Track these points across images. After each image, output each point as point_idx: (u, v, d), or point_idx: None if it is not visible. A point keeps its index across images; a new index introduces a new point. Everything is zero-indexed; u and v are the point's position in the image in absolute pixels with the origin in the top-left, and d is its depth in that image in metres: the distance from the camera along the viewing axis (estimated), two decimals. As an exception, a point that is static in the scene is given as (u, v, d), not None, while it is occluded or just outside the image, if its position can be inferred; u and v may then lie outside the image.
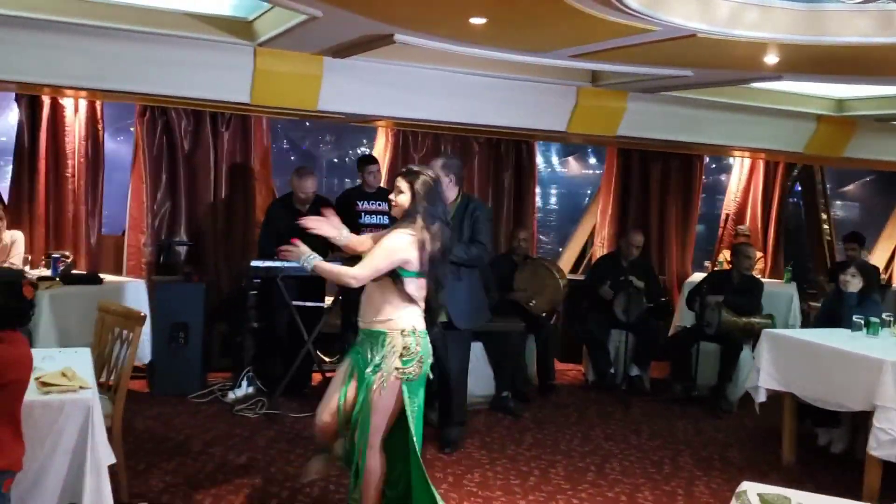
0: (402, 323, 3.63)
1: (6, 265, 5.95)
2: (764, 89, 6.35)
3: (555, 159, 11.34)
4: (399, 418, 3.69)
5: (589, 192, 9.14)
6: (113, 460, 3.84)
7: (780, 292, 7.98)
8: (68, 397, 3.19)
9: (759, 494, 2.14)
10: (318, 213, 6.25)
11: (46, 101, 6.33)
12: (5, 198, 6.51)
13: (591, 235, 8.67)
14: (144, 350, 6.18)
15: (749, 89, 6.25)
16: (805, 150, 7.04)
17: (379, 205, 6.34)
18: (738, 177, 9.16)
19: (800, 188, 9.70)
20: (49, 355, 3.74)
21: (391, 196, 3.79)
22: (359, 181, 6.65)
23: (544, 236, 9.71)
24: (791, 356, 5.28)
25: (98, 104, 6.52)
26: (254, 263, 5.85)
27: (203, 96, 5.20)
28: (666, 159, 8.50)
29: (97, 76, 4.83)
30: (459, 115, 5.81)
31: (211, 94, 5.16)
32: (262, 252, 6.29)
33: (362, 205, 6.42)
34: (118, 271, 6.76)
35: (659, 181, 8.53)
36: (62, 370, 3.31)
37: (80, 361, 3.69)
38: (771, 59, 4.32)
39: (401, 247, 3.60)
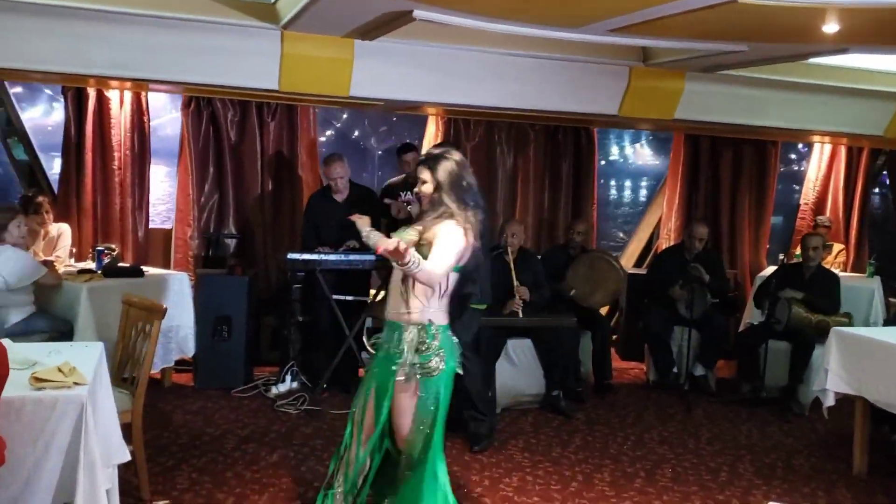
0: (423, 317, 3.38)
1: (52, 258, 5.99)
2: (834, 66, 5.83)
3: (630, 149, 10.89)
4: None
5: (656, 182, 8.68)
6: (126, 458, 3.76)
7: (861, 287, 7.40)
8: (61, 394, 3.07)
9: None
10: (359, 204, 6.18)
11: (92, 93, 6.32)
12: (54, 191, 6.55)
13: (657, 227, 8.25)
14: (188, 343, 6.15)
15: (818, 67, 5.76)
16: (885, 134, 6.48)
17: (423, 195, 6.10)
18: (818, 164, 8.58)
19: (887, 176, 9.02)
20: (56, 349, 3.66)
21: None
22: (404, 172, 6.45)
23: (613, 229, 9.30)
24: (861, 357, 4.83)
25: (143, 95, 6.49)
26: (290, 256, 5.70)
27: (230, 83, 5.07)
28: (737, 146, 8.02)
29: (120, 64, 4.74)
30: (501, 99, 5.52)
31: (238, 80, 5.02)
32: (304, 244, 6.16)
33: (405, 195, 6.21)
34: (167, 265, 6.73)
35: (730, 169, 8.04)
36: (59, 366, 3.20)
37: (87, 356, 3.58)
38: (830, 27, 3.90)
39: (460, 242, 3.34)
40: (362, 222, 3.82)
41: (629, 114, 5.60)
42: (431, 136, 7.24)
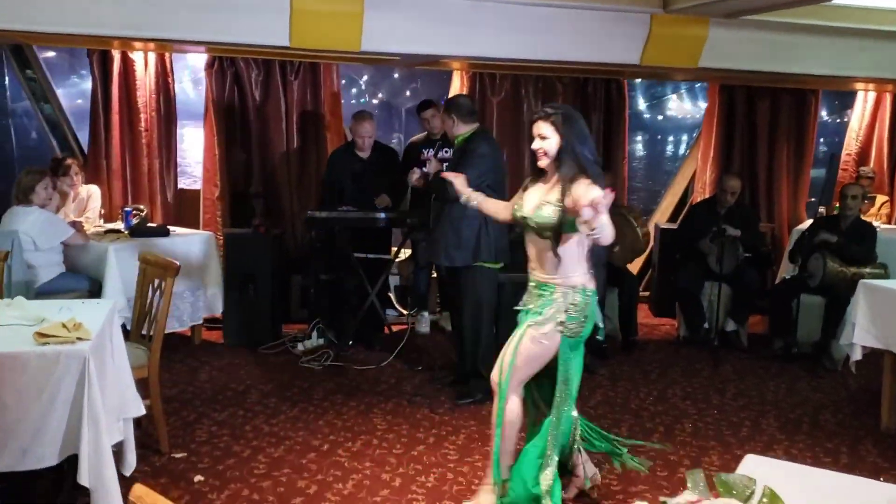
0: (575, 280, 3.42)
1: (81, 219, 6.12)
2: (866, 7, 5.56)
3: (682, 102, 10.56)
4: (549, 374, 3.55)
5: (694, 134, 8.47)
6: (141, 412, 3.86)
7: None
8: (64, 349, 3.14)
9: (713, 476, 1.78)
10: (380, 162, 6.17)
11: (117, 56, 6.39)
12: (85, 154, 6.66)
13: (692, 181, 8.07)
14: (216, 302, 6.25)
15: (848, 9, 5.50)
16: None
17: (446, 151, 6.06)
18: (861, 113, 8.28)
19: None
20: (68, 307, 3.73)
21: (534, 146, 3.42)
22: (425, 130, 6.39)
23: (640, 183, 9.13)
24: (890, 310, 4.69)
25: (167, 57, 6.53)
26: (310, 214, 5.73)
27: (240, 41, 5.05)
28: (775, 95, 7.77)
29: (129, 24, 4.73)
30: (518, 50, 5.39)
31: (249, 38, 4.99)
32: (323, 202, 6.17)
33: (427, 152, 6.17)
34: (198, 225, 6.82)
35: (767, 120, 7.80)
36: (64, 322, 3.27)
37: (97, 313, 3.65)
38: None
39: None
40: (460, 181, 3.81)
41: (652, 62, 5.44)
42: (456, 91, 7.15)
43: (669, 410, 5.13)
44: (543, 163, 3.45)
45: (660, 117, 9.58)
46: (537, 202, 3.46)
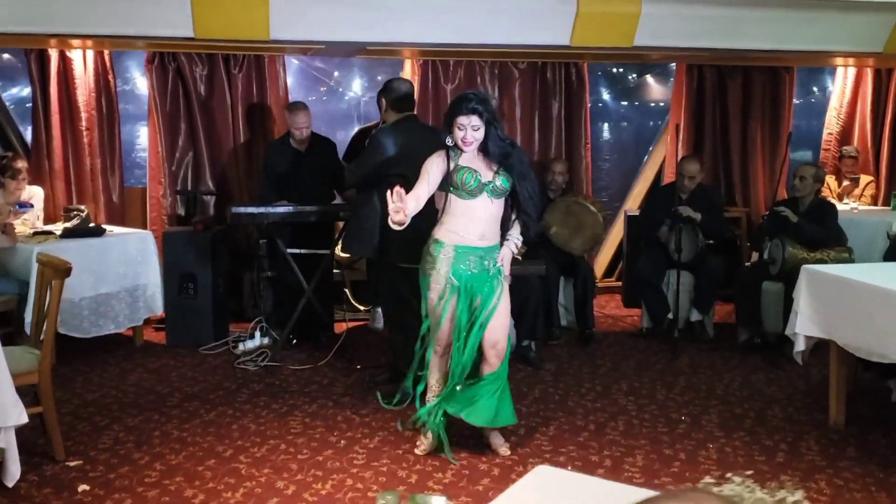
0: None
1: (19, 221, 6.00)
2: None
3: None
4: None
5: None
6: (23, 420, 3.70)
7: (882, 222, 6.81)
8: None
9: (407, 496, 1.57)
10: (318, 152, 5.98)
11: (54, 55, 6.26)
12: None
13: (662, 166, 7.78)
14: (156, 301, 6.11)
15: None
16: (885, 49, 5.83)
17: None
18: (842, 90, 7.92)
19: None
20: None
21: (467, 138, 3.83)
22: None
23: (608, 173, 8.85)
24: (831, 297, 4.40)
25: (107, 54, 6.40)
26: (234, 209, 5.56)
27: (143, 33, 4.88)
28: (747, 74, 7.45)
29: (24, 19, 4.58)
30: (437, 34, 5.13)
31: (152, 30, 4.82)
32: (261, 197, 6.01)
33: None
34: (144, 224, 6.69)
35: (740, 100, 7.49)
36: None
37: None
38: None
39: None
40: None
41: (582, 43, 5.17)
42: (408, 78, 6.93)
43: (608, 407, 4.88)
44: (470, 150, 3.89)
45: (625, 102, 9.26)
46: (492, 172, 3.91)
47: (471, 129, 3.84)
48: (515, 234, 4.05)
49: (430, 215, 4.08)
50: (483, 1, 4.99)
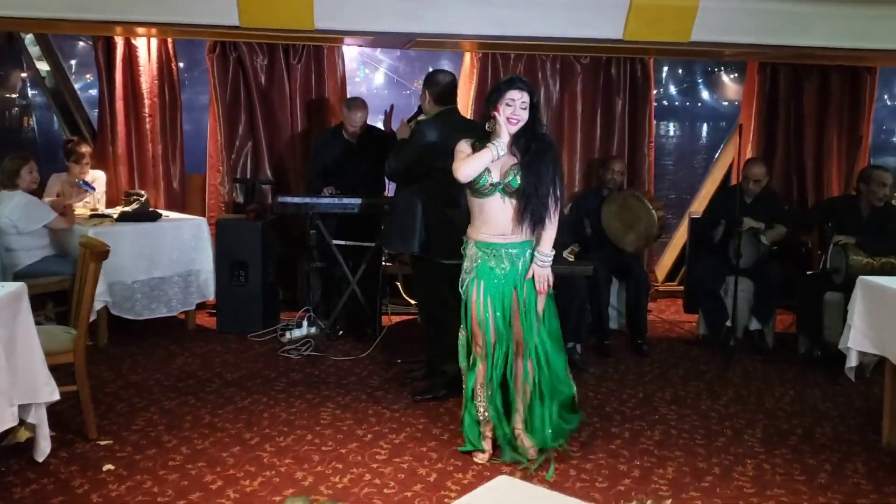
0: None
1: (80, 203, 6.19)
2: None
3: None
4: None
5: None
6: (54, 398, 3.80)
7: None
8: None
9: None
10: (370, 145, 5.96)
11: (120, 42, 6.42)
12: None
13: (730, 169, 7.47)
14: (209, 287, 6.22)
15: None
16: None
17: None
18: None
19: None
20: (-33, 288, 3.70)
21: (516, 114, 3.75)
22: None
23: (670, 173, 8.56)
24: (886, 310, 4.13)
25: (170, 42, 6.52)
26: (281, 199, 5.59)
27: (189, 21, 4.89)
28: (824, 74, 7.09)
29: (74, 6, 4.66)
30: (482, 27, 4.99)
31: (197, 18, 4.84)
32: (309, 186, 6.03)
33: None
34: (203, 210, 6.81)
35: (815, 102, 7.13)
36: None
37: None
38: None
39: None
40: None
41: (636, 37, 4.96)
42: (467, 72, 6.86)
43: (647, 415, 4.72)
44: (514, 129, 3.77)
45: (697, 103, 8.94)
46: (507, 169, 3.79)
47: (520, 106, 3.75)
48: (543, 252, 3.87)
49: (469, 214, 4.02)
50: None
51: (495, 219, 3.82)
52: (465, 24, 4.96)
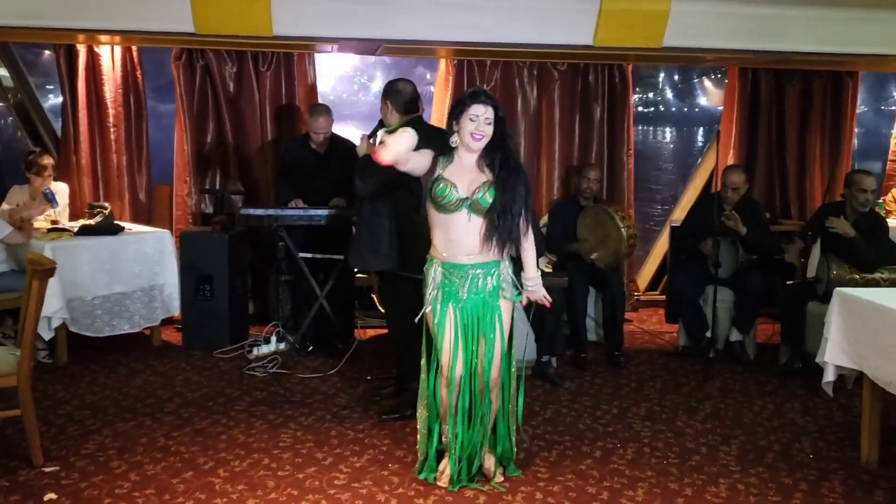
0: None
1: (42, 217, 6.02)
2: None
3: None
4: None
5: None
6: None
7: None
8: None
9: None
10: (337, 156, 5.80)
11: (82, 50, 6.26)
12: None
13: (712, 176, 7.33)
14: (173, 302, 6.04)
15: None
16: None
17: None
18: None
19: None
20: None
21: (479, 130, 3.56)
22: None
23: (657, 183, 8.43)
24: (862, 323, 3.98)
25: (134, 50, 6.36)
26: (243, 211, 5.42)
27: (143, 28, 4.75)
28: (806, 79, 6.97)
29: (25, 13, 4.51)
30: (449, 32, 4.85)
31: (151, 25, 4.69)
32: (277, 197, 5.86)
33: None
34: (171, 222, 6.64)
35: (797, 107, 7.00)
36: None
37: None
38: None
39: None
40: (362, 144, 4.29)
41: (606, 43, 4.81)
42: (442, 79, 6.72)
43: (620, 432, 4.55)
44: (479, 146, 3.60)
45: (685, 108, 8.81)
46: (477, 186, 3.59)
47: (483, 121, 3.56)
48: (529, 276, 3.76)
49: None
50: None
51: (460, 238, 3.63)
52: (431, 30, 4.80)
